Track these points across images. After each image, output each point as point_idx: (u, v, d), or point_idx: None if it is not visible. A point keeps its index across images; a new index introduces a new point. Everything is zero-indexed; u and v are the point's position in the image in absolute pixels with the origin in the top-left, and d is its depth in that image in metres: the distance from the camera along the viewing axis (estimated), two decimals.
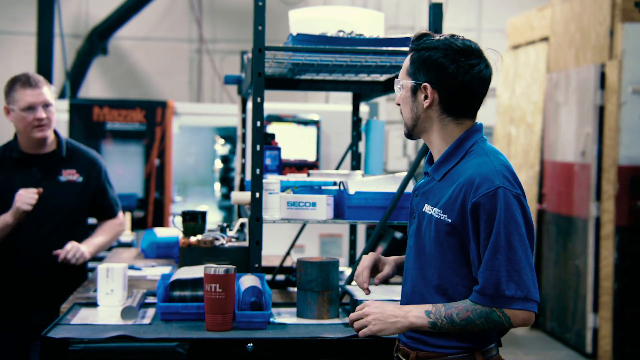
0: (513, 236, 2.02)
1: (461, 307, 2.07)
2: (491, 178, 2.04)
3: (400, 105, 2.24)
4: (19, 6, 8.99)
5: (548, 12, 7.39)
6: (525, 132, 7.65)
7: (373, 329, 2.17)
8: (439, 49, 2.13)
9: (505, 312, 2.04)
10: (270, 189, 2.88)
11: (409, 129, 2.23)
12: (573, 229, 6.57)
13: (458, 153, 2.15)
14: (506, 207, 2.02)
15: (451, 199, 2.09)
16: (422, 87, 2.15)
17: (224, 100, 9.35)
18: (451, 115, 2.16)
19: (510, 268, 2.01)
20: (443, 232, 2.10)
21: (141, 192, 7.01)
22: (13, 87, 3.43)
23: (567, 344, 6.62)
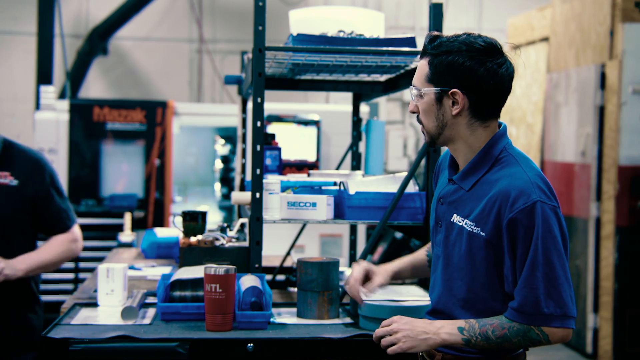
0: (551, 252, 1.97)
1: (496, 324, 2.02)
2: (527, 191, 1.98)
3: (418, 113, 2.15)
4: (20, 6, 8.99)
5: (548, 12, 7.39)
6: (526, 132, 7.65)
7: (404, 347, 2.07)
8: (462, 51, 2.04)
9: (544, 329, 1.99)
10: (271, 189, 2.88)
11: (434, 138, 2.14)
12: (573, 229, 6.57)
13: (487, 161, 2.09)
14: (544, 222, 1.98)
15: (484, 211, 2.03)
16: (451, 93, 2.06)
17: (224, 101, 9.35)
18: (480, 118, 2.09)
19: (549, 285, 1.97)
20: (476, 246, 2.05)
21: (141, 192, 7.00)
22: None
23: (567, 344, 6.62)
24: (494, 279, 2.06)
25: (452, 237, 2.13)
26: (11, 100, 9.31)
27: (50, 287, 5.87)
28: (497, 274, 2.05)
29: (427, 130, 2.15)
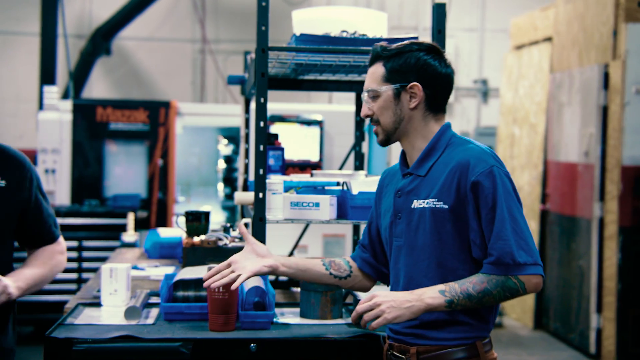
0: (513, 209, 2.13)
1: (475, 280, 2.12)
2: (484, 159, 2.16)
3: (371, 115, 2.29)
4: (23, 7, 9.00)
5: (551, 12, 7.38)
6: (529, 132, 7.65)
7: (389, 317, 2.12)
8: (415, 50, 2.25)
9: (520, 278, 2.11)
10: (274, 189, 2.88)
11: (390, 133, 2.29)
12: (576, 229, 6.56)
13: (439, 146, 2.25)
14: (502, 183, 2.14)
15: (445, 186, 2.18)
16: (409, 87, 2.24)
17: (227, 101, 9.36)
18: (433, 111, 2.28)
19: (517, 237, 2.11)
20: (441, 220, 2.17)
21: (144, 192, 7.01)
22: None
23: (571, 344, 6.61)
24: (462, 246, 2.18)
25: (413, 222, 2.23)
26: (14, 101, 9.33)
27: (53, 287, 5.87)
28: (464, 242, 2.18)
29: (385, 127, 2.29)
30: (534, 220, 7.36)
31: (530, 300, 7.33)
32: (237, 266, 2.36)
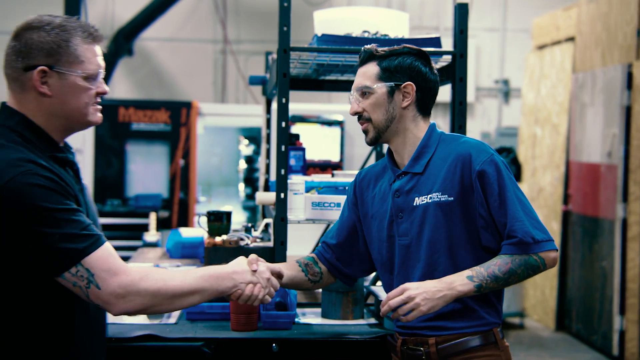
0: (517, 192, 2.22)
1: (499, 262, 2.17)
2: (483, 149, 2.26)
3: (361, 113, 2.34)
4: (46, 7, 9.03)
5: (574, 11, 7.33)
6: (551, 132, 7.60)
7: (424, 309, 2.12)
8: (408, 53, 2.34)
9: (540, 254, 2.19)
10: (295, 189, 2.89)
11: (380, 131, 2.34)
12: (599, 230, 6.51)
13: (431, 143, 2.32)
14: (505, 169, 2.23)
15: (447, 179, 2.24)
16: (403, 87, 2.31)
17: (248, 101, 9.38)
18: (422, 113, 2.36)
19: (529, 217, 2.20)
20: (447, 212, 2.23)
21: (166, 192, 7.05)
22: (69, 40, 2.04)
23: (593, 346, 6.57)
24: (470, 235, 2.23)
25: (418, 219, 2.27)
26: None
27: None
28: (471, 231, 2.23)
29: (376, 125, 2.34)
30: (556, 221, 7.32)
31: (552, 301, 7.29)
32: None
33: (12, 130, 1.97)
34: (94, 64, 2.05)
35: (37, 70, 1.98)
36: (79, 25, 2.04)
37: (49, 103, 2.01)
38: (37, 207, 1.86)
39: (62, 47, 1.99)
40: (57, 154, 2.02)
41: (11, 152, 1.92)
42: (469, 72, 2.96)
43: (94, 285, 1.90)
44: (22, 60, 1.99)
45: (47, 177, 1.89)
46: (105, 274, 1.91)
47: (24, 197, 1.85)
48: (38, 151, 1.97)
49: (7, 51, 2.03)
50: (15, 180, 1.86)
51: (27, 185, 1.86)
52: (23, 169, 1.87)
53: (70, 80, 2.01)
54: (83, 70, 2.02)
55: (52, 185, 1.89)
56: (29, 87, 1.99)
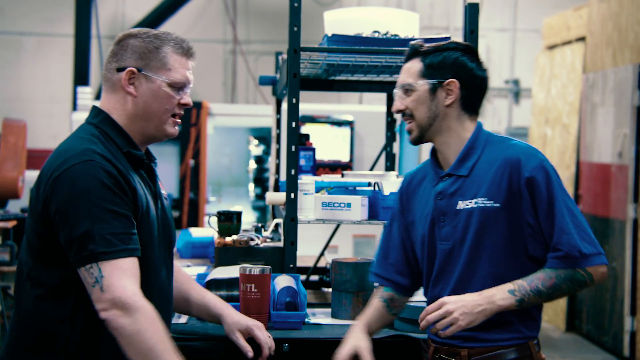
0: (568, 201, 2.14)
1: (543, 276, 2.10)
2: (533, 153, 2.16)
3: (404, 111, 2.26)
4: (57, 8, 9.11)
5: (585, 11, 7.31)
6: (561, 133, 7.58)
7: (462, 324, 2.06)
8: (453, 49, 2.24)
9: (587, 269, 2.10)
10: (305, 189, 2.89)
11: (423, 130, 2.25)
12: (610, 230, 6.49)
13: (478, 145, 2.23)
14: (555, 177, 2.15)
15: (494, 184, 2.15)
16: (446, 84, 2.21)
17: (258, 101, 9.39)
18: (468, 112, 2.25)
19: (579, 229, 2.11)
20: (492, 218, 2.14)
21: (176, 192, 7.06)
22: (160, 47, 2.15)
23: (604, 347, 6.54)
24: (516, 244, 2.14)
25: (461, 224, 2.18)
26: (48, 102, 9.45)
27: None
28: (517, 239, 2.14)
29: (419, 123, 2.25)
30: None
31: (562, 302, 7.26)
32: None
33: (95, 127, 2.11)
34: (181, 74, 2.16)
35: (126, 70, 2.11)
36: (172, 38, 2.18)
37: (133, 103, 2.13)
38: (84, 196, 1.94)
39: (152, 52, 2.13)
40: (133, 151, 2.11)
41: (84, 143, 2.03)
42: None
43: (99, 286, 1.92)
44: (117, 61, 2.13)
45: (107, 171, 1.98)
46: (115, 281, 1.92)
47: (78, 183, 1.95)
48: (115, 147, 2.09)
49: (108, 54, 2.18)
50: (76, 168, 1.96)
51: (85, 174, 1.96)
52: (87, 157, 1.98)
53: (155, 84, 2.13)
54: (168, 77, 2.13)
55: (108, 181, 1.98)
56: (118, 86, 2.13)
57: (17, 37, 9.23)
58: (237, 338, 2.31)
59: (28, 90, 9.15)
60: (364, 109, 7.02)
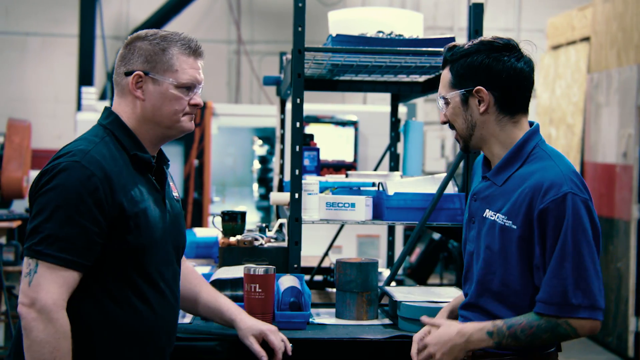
0: (581, 243, 1.99)
1: (524, 323, 2.02)
2: (559, 183, 2.01)
3: (448, 122, 2.21)
4: (62, 9, 9.13)
5: (589, 11, 7.30)
6: (566, 133, 7.57)
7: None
8: (480, 51, 2.12)
9: (571, 323, 2.00)
10: (309, 189, 2.89)
11: (466, 141, 2.19)
12: (614, 231, 6.48)
13: (520, 157, 2.13)
14: (574, 213, 1.99)
15: (516, 204, 2.06)
16: (475, 91, 2.12)
17: (262, 101, 9.40)
18: (508, 114, 2.14)
19: (578, 276, 1.99)
20: (508, 239, 2.07)
21: (180, 192, 7.05)
22: (166, 49, 2.14)
23: (608, 347, 6.53)
24: (526, 272, 2.07)
25: (483, 232, 2.14)
26: (53, 101, 9.46)
27: None
28: (528, 267, 2.06)
29: (460, 134, 2.20)
30: None
31: None
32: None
33: (104, 128, 2.11)
34: (188, 75, 2.15)
35: (134, 74, 2.11)
36: (180, 38, 2.16)
37: (142, 107, 2.12)
38: (51, 194, 1.95)
39: (159, 55, 2.11)
40: (140, 154, 2.11)
41: (81, 144, 2.04)
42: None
43: (29, 279, 1.93)
44: (125, 65, 2.13)
45: (88, 176, 1.96)
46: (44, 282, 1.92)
47: (53, 180, 1.96)
48: (122, 149, 2.09)
49: (117, 58, 2.18)
50: (59, 166, 1.97)
51: (63, 174, 1.96)
52: (74, 158, 1.98)
53: (162, 87, 2.12)
54: (175, 79, 2.12)
55: (83, 188, 1.95)
56: (127, 90, 2.13)
57: (21, 37, 9.25)
58: (251, 343, 2.31)
59: (32, 90, 9.16)
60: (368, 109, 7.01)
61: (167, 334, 2.17)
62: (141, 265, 2.06)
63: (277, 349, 2.30)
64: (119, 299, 2.03)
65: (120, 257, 2.03)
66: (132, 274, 2.05)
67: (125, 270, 2.04)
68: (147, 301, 2.07)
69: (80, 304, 1.99)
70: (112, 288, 2.03)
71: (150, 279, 2.09)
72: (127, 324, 2.04)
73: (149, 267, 2.08)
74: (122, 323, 2.03)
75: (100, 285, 2.02)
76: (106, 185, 1.98)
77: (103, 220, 1.98)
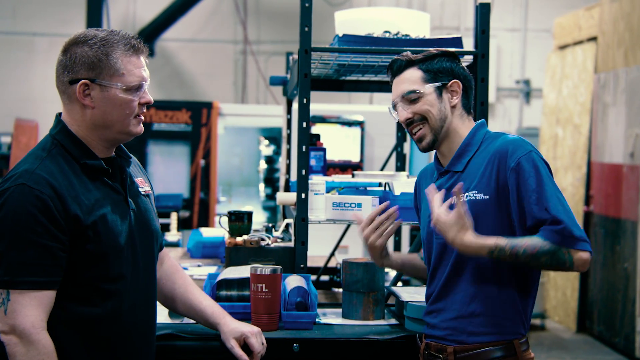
0: (557, 192, 2.15)
1: (528, 244, 2.09)
2: (522, 144, 2.19)
3: (415, 116, 2.30)
4: (69, 9, 9.14)
5: (596, 11, 7.28)
6: (572, 133, 7.55)
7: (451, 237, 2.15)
8: (441, 55, 2.33)
9: (571, 252, 2.10)
10: (316, 189, 2.89)
11: (437, 132, 2.30)
12: (621, 231, 6.46)
13: (475, 142, 2.29)
14: (544, 167, 2.16)
15: (484, 176, 2.20)
16: (450, 85, 2.30)
17: (268, 101, 9.40)
18: (467, 110, 2.34)
19: (569, 215, 2.12)
20: (481, 211, 2.17)
21: (187, 192, 7.08)
22: (109, 53, 2.08)
23: (615, 348, 6.51)
24: (505, 233, 2.15)
25: None
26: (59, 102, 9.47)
27: None
28: (504, 232, 2.16)
29: (433, 126, 2.30)
30: None
31: (573, 303, 7.24)
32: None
33: (53, 138, 2.09)
34: (135, 76, 2.11)
35: (79, 83, 2.06)
36: (121, 38, 2.10)
37: (92, 114, 2.09)
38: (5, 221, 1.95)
39: (103, 61, 2.06)
40: (89, 162, 2.08)
41: (28, 162, 2.03)
42: (489, 72, 2.95)
43: (3, 308, 1.94)
44: (68, 73, 2.08)
45: (38, 197, 1.95)
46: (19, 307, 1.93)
47: (4, 207, 1.96)
48: (71, 159, 2.07)
49: (57, 65, 2.12)
50: (8, 191, 1.97)
51: (13, 200, 1.95)
52: (21, 181, 1.97)
53: (111, 92, 2.08)
54: (123, 83, 2.08)
55: (34, 209, 1.95)
56: (74, 99, 2.09)
57: (29, 38, 9.27)
58: (232, 346, 2.32)
59: (40, 90, 9.18)
60: (375, 109, 7.01)
61: (141, 335, 2.16)
62: (106, 270, 2.05)
63: (255, 352, 2.31)
64: (84, 305, 2.03)
65: (83, 265, 2.02)
66: (96, 280, 2.05)
67: (90, 277, 2.04)
68: (115, 305, 2.06)
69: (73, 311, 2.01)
70: (76, 294, 2.02)
71: (117, 282, 2.08)
72: (95, 329, 2.04)
73: (113, 271, 2.07)
74: (90, 328, 2.04)
75: (65, 294, 2.01)
76: (57, 201, 1.97)
77: (62, 235, 1.97)
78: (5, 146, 7.36)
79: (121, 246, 2.08)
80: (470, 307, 2.19)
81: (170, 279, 2.41)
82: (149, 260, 2.21)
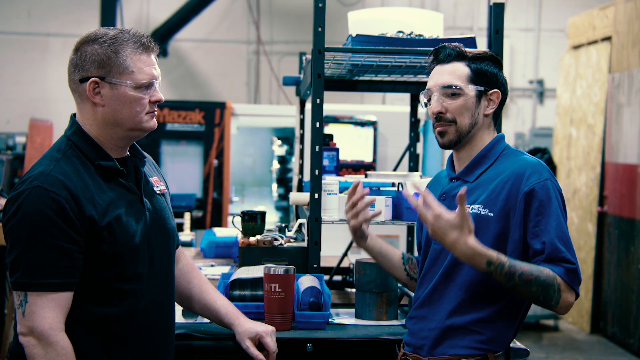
0: (564, 224, 2.10)
1: (526, 269, 2.04)
2: (540, 170, 2.13)
3: (445, 112, 2.22)
4: (83, 9, 9.18)
5: (611, 11, 7.24)
6: (586, 133, 7.52)
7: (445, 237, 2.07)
8: (491, 59, 2.27)
9: (562, 288, 2.05)
10: (329, 189, 2.89)
11: (462, 136, 2.24)
12: (636, 231, 6.43)
13: (491, 155, 2.24)
14: (556, 197, 2.11)
15: (493, 194, 2.15)
16: (490, 93, 2.24)
17: (281, 102, 9.41)
18: (494, 121, 2.30)
19: (571, 252, 2.08)
20: (483, 227, 2.13)
21: (200, 192, 7.09)
22: (119, 51, 2.09)
23: (630, 349, 6.48)
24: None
25: None
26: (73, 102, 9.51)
27: None
28: (501, 249, 2.11)
29: (460, 129, 2.23)
30: (591, 223, 7.24)
31: (587, 303, 7.21)
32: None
33: (68, 139, 2.11)
34: (145, 74, 2.11)
35: (89, 81, 2.07)
36: (131, 36, 2.10)
37: (102, 112, 2.10)
38: (21, 224, 1.96)
39: (112, 59, 2.07)
40: (103, 163, 2.09)
41: (44, 164, 2.04)
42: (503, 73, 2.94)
43: (22, 310, 1.96)
44: (78, 72, 2.10)
45: (53, 198, 1.97)
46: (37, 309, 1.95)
47: (20, 209, 1.97)
48: (86, 160, 2.08)
49: (69, 64, 2.13)
50: (24, 194, 1.98)
51: (28, 202, 1.97)
52: (37, 183, 1.98)
53: (121, 90, 2.08)
54: (133, 81, 2.09)
55: (49, 210, 1.96)
56: (85, 97, 2.10)
57: (43, 38, 9.32)
58: (247, 346, 2.32)
59: (54, 90, 9.23)
60: (388, 109, 7.00)
61: (158, 333, 2.17)
62: (122, 270, 2.06)
63: (270, 352, 2.31)
64: (101, 305, 2.05)
65: (100, 266, 2.04)
66: (112, 280, 2.06)
67: (106, 277, 2.05)
68: (132, 304, 2.08)
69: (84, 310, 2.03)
70: (93, 295, 2.04)
71: (133, 282, 2.09)
72: (112, 328, 2.06)
73: (129, 271, 2.08)
74: (107, 328, 2.05)
75: (82, 295, 2.03)
76: (72, 203, 1.98)
77: (78, 236, 1.99)
78: (20, 146, 7.39)
79: (136, 246, 2.09)
80: (450, 320, 2.17)
81: (186, 277, 2.42)
82: (165, 259, 2.22)
